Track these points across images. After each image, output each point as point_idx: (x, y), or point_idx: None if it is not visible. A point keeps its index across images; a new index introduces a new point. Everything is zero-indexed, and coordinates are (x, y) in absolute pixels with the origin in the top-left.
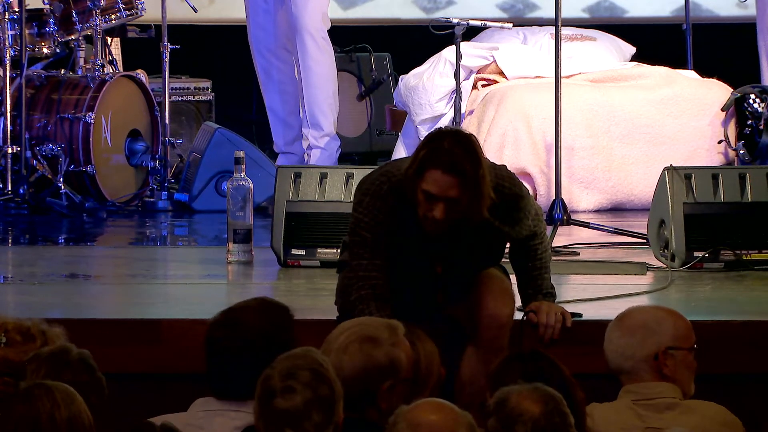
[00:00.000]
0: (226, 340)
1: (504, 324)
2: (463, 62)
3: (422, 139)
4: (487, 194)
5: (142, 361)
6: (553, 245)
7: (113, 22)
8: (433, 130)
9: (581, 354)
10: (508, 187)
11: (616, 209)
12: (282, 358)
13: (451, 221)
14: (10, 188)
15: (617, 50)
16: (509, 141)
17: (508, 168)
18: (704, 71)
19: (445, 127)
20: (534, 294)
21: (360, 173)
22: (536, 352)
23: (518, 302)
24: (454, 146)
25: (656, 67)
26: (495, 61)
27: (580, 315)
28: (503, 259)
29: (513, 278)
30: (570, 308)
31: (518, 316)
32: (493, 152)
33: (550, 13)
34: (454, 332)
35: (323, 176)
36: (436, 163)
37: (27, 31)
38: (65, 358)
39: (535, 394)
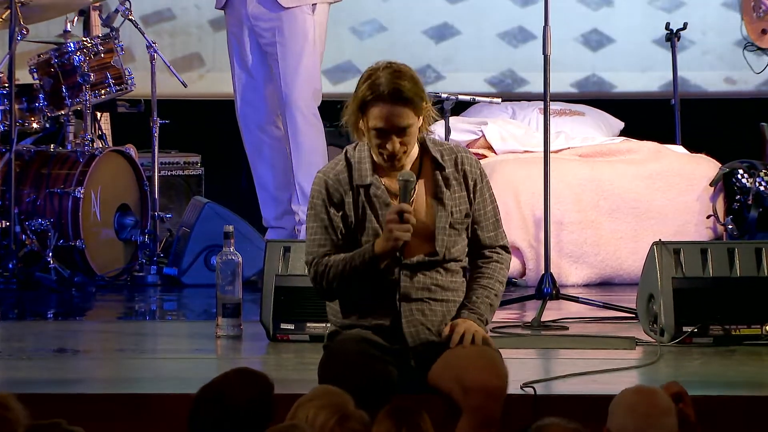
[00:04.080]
0: (210, 416)
1: (494, 394)
2: (452, 137)
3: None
4: (430, 114)
5: None
6: (542, 320)
7: (103, 97)
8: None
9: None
10: (467, 156)
11: (605, 284)
12: None
13: (407, 152)
14: None
15: (606, 125)
16: None
17: None
18: (692, 146)
19: (377, 62)
20: (467, 312)
21: None
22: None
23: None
24: (390, 76)
25: (644, 142)
26: (484, 135)
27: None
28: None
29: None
30: (559, 384)
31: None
32: None
33: (538, 88)
34: (447, 407)
35: None
36: (377, 98)
37: (17, 106)
38: None
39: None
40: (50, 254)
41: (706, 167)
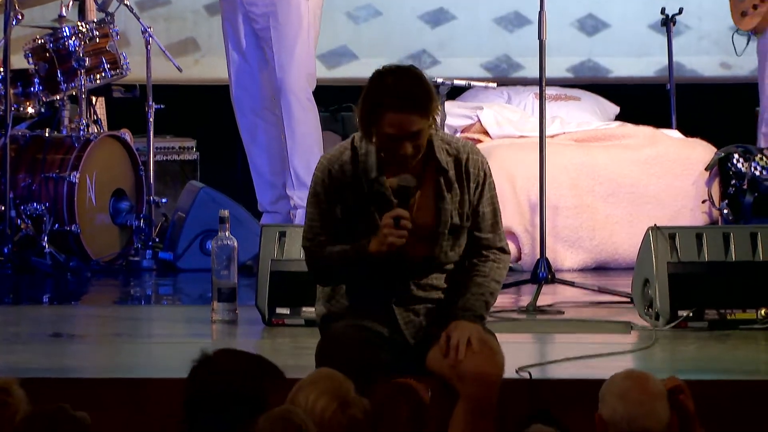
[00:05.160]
0: (202, 402)
1: (490, 382)
2: (447, 122)
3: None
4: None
5: (126, 421)
6: (537, 304)
7: (98, 81)
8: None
9: (564, 413)
10: (473, 156)
11: (600, 268)
12: (262, 421)
13: (418, 153)
14: None
15: (601, 110)
16: None
17: None
18: (688, 131)
19: (383, 66)
20: (461, 312)
21: None
22: (546, 413)
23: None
24: (400, 83)
25: (640, 126)
26: (479, 120)
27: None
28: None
29: (499, 336)
30: (554, 368)
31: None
32: None
33: (534, 73)
34: (444, 390)
35: None
36: (389, 106)
37: (12, 91)
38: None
39: None
40: (45, 239)
41: (702, 152)
